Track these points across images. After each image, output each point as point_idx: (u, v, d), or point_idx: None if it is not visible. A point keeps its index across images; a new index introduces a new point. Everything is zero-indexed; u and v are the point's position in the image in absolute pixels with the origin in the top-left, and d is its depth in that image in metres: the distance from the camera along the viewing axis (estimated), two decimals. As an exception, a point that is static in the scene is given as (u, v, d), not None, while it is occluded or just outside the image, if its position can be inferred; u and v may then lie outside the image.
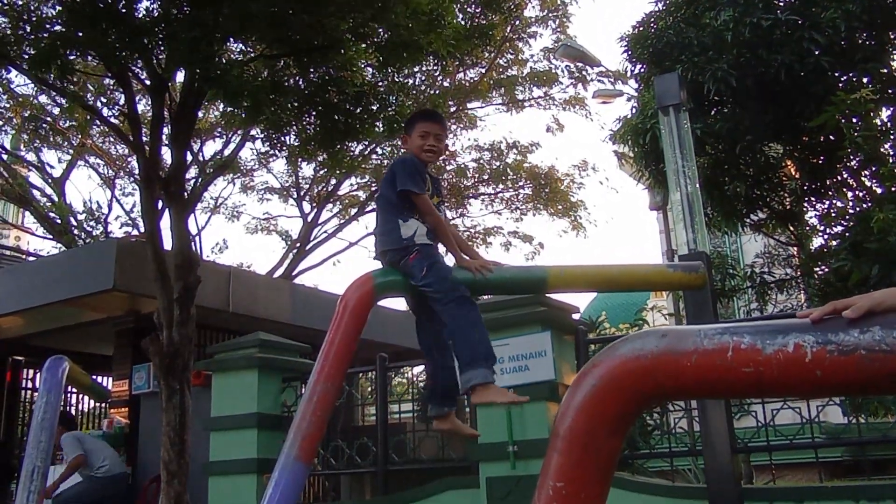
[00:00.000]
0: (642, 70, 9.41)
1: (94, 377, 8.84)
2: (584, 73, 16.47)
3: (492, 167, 18.72)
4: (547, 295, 6.31)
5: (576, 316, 7.36)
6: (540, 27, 16.58)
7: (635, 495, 5.84)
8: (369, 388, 10.15)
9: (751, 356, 1.55)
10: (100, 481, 7.91)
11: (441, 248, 3.90)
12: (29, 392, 11.66)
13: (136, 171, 18.03)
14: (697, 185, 6.25)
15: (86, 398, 12.37)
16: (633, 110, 9.89)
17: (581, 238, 22.61)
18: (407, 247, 3.76)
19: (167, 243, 7.77)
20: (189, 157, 11.48)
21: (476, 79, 16.50)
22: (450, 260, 3.91)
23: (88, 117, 15.99)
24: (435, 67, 11.97)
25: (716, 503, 5.47)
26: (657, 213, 17.31)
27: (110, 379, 9.93)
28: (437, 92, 14.80)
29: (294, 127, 9.09)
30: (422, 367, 9.40)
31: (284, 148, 9.69)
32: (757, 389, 1.61)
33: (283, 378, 8.04)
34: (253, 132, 12.47)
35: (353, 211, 19.48)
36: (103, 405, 12.17)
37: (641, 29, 9.15)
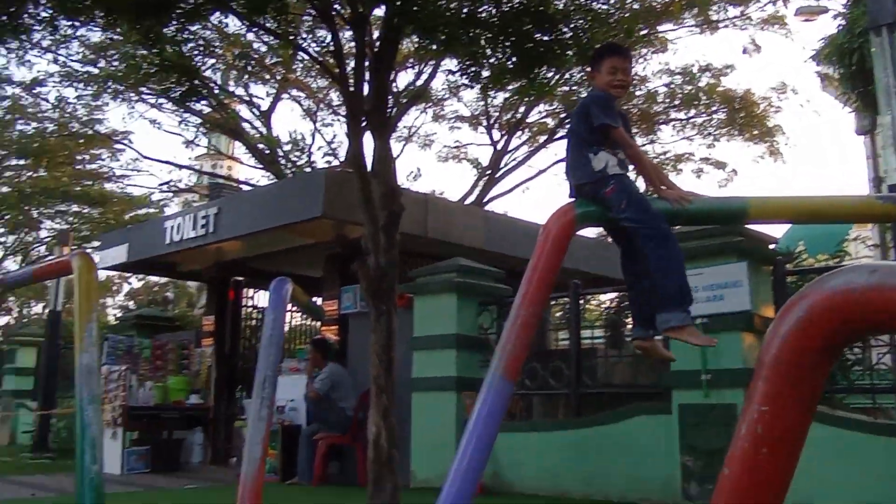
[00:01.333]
0: (852, -15, 8.82)
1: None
2: (785, -12, 15.50)
3: (683, 91, 18.13)
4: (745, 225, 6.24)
5: (772, 246, 7.21)
6: (738, -59, 15.72)
7: (833, 429, 5.77)
8: (558, 314, 10.40)
9: (969, 291, 1.59)
10: (349, 419, 8.79)
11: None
12: (249, 309, 12.78)
13: (336, 104, 18.93)
14: (912, 110, 5.92)
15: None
16: (840, 28, 9.31)
17: (779, 164, 21.55)
18: (601, 179, 3.86)
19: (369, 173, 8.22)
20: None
21: (668, 0, 15.92)
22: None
23: (291, 53, 16.89)
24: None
25: (921, 440, 5.33)
26: (864, 138, 16.19)
27: (320, 299, 10.69)
28: (628, 15, 14.43)
29: (489, 58, 9.24)
30: (613, 295, 9.52)
31: (479, 79, 9.87)
32: (975, 325, 1.65)
33: (479, 302, 8.43)
34: (448, 65, 12.74)
35: (543, 138, 19.52)
36: (313, 322, 13.18)
37: (853, -60, 8.55)
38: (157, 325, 13.65)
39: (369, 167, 8.05)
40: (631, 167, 4.22)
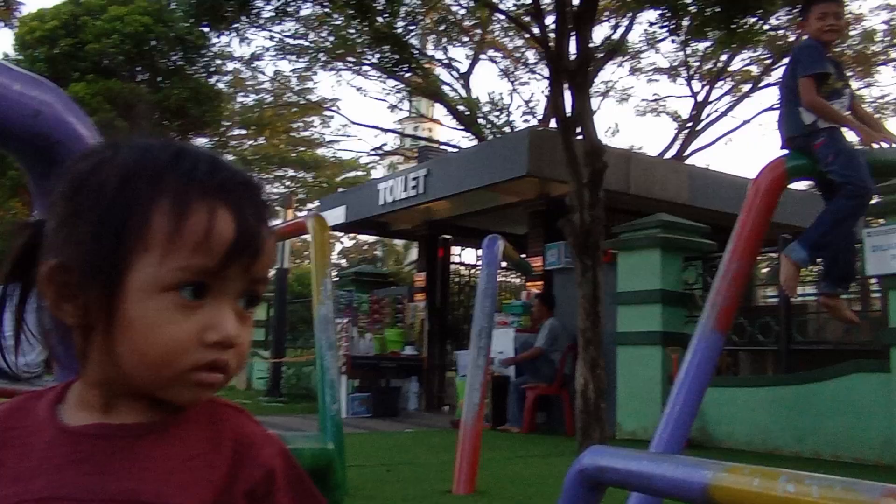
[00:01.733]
0: None
1: (517, 255, 9.94)
2: None
3: (906, 28, 16.81)
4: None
5: None
6: None
7: None
8: (764, 270, 10.16)
9: None
10: (556, 371, 9.15)
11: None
12: (456, 266, 13.36)
13: (532, 62, 19.09)
14: None
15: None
16: None
17: None
18: (811, 132, 3.87)
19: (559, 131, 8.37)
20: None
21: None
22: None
23: (489, 14, 17.20)
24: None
25: None
26: None
27: (524, 256, 11.02)
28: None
29: (689, 7, 9.10)
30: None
31: (680, 30, 9.74)
32: None
33: (684, 257, 8.44)
34: (647, 16, 12.57)
35: (747, 87, 18.76)
36: (515, 278, 13.60)
37: None
38: (373, 280, 14.58)
39: (571, 125, 8.24)
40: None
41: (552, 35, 8.59)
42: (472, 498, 4.98)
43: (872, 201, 4.30)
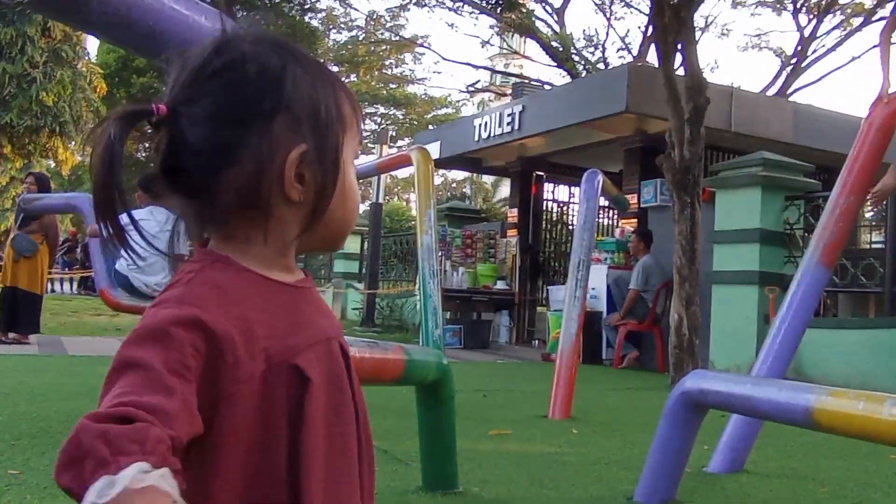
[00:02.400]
0: None
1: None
2: None
3: None
4: None
5: None
6: None
7: None
8: (868, 214, 9.88)
9: None
10: (648, 308, 9.18)
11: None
12: (548, 203, 13.38)
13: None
14: None
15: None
16: None
17: None
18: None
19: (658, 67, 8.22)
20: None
21: None
22: None
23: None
24: None
25: None
26: None
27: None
28: None
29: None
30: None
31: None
32: None
33: (785, 196, 8.28)
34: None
35: (858, 21, 17.91)
36: (607, 216, 13.57)
37: None
38: (465, 216, 14.78)
39: (673, 60, 8.10)
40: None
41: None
42: (569, 423, 5.14)
43: None
